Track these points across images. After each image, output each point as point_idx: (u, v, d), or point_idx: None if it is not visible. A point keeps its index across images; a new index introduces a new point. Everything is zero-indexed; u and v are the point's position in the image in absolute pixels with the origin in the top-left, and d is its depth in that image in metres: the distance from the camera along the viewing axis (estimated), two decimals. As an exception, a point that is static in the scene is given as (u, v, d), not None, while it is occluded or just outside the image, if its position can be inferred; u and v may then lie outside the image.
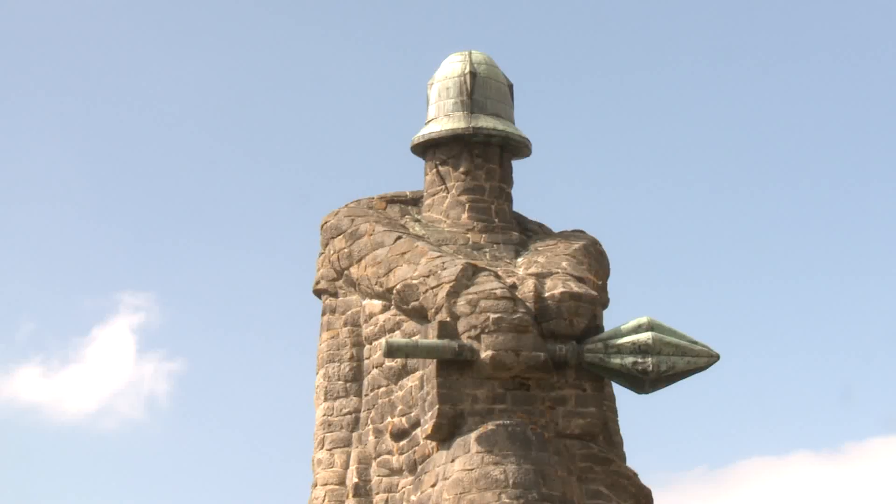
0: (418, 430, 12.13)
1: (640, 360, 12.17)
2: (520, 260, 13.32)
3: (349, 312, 13.65)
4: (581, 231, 14.25)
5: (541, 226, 14.61)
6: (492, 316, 11.79)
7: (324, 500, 13.10)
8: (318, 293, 14.27)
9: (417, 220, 14.04)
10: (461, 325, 11.92)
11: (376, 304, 13.20)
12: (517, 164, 14.52)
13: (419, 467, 12.12)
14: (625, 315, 12.87)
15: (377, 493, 12.54)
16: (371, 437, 12.79)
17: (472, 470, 11.45)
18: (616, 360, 12.23)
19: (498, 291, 12.01)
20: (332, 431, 13.43)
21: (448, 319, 11.97)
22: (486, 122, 13.86)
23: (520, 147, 14.41)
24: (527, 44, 48.03)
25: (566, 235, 14.15)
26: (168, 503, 47.25)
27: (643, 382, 12.32)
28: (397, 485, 12.43)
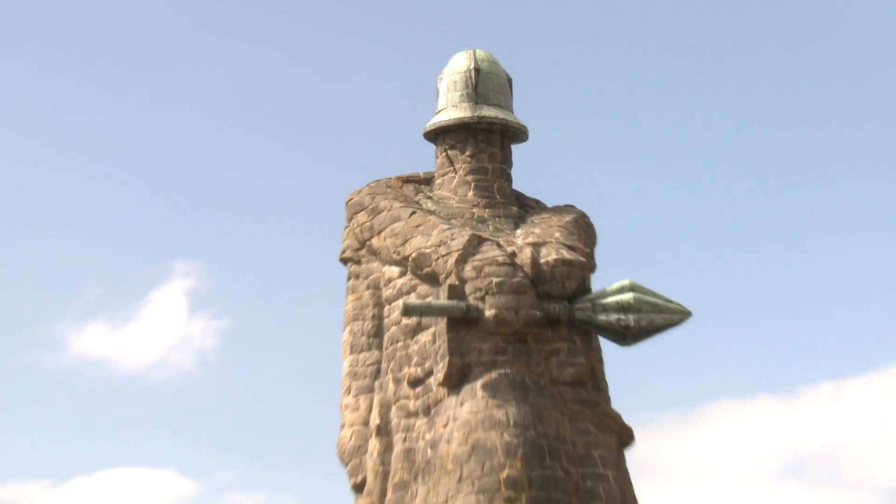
0: (431, 379, 12.32)
1: (622, 317, 12.43)
2: (518, 231, 13.43)
3: (371, 277, 13.78)
4: (571, 206, 14.33)
5: (537, 202, 14.68)
6: (494, 280, 12.05)
7: (350, 439, 13.22)
8: (344, 261, 14.33)
9: (429, 198, 14.16)
10: (468, 288, 12.13)
11: (394, 270, 13.32)
12: (516, 148, 14.59)
13: (432, 410, 12.30)
14: (609, 278, 12.99)
15: (396, 433, 12.62)
16: (391, 385, 12.94)
17: (478, 412, 11.65)
18: (602, 317, 12.47)
19: (500, 258, 12.26)
20: (357, 380, 13.55)
21: (457, 283, 12.20)
22: (488, 112, 14.00)
23: (518, 133, 14.51)
24: (524, 42, 48.35)
25: (558, 210, 14.30)
26: (214, 442, 47.83)
27: (625, 336, 12.57)
28: (413, 425, 12.50)
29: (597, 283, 13.05)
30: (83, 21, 51.39)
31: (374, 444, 12.69)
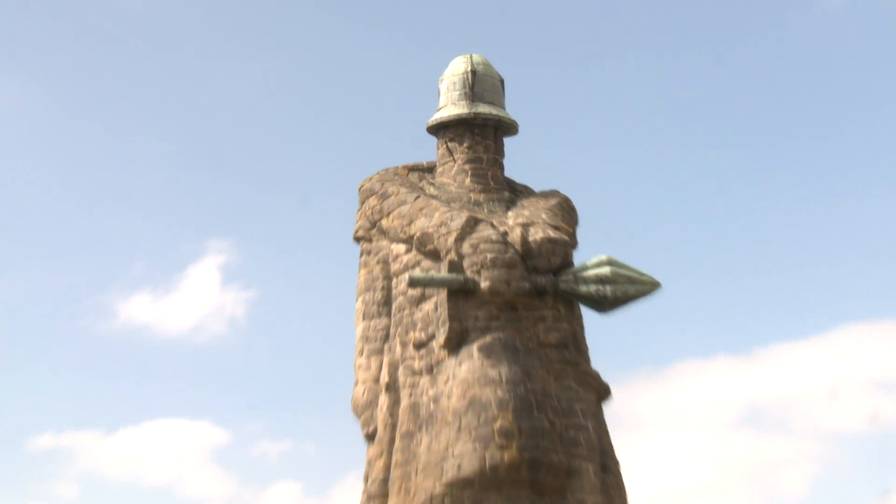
0: (434, 342, 12.62)
1: (601, 288, 12.82)
2: (509, 213, 13.60)
3: (381, 254, 13.99)
4: (556, 190, 14.66)
5: (525, 187, 14.97)
6: (489, 256, 12.38)
7: (363, 395, 13.51)
8: (357, 239, 14.57)
9: (432, 184, 14.44)
10: (466, 263, 12.43)
11: (401, 247, 13.55)
12: (507, 141, 14.93)
13: (434, 369, 12.62)
14: (589, 253, 13.40)
15: (403, 389, 12.93)
16: (398, 348, 13.17)
17: (474, 371, 12.02)
18: (583, 288, 12.85)
19: (493, 237, 12.59)
20: (368, 343, 13.78)
21: (456, 259, 12.51)
22: (483, 109, 14.28)
23: (509, 127, 14.82)
24: (515, 47, 50.09)
25: (544, 194, 14.58)
26: (244, 397, 50.15)
27: (603, 305, 12.99)
28: (418, 383, 12.80)
29: (578, 258, 13.37)
30: (127, 8, 52.62)
31: (383, 399, 12.92)
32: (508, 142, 14.90)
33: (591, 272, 12.75)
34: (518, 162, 15.54)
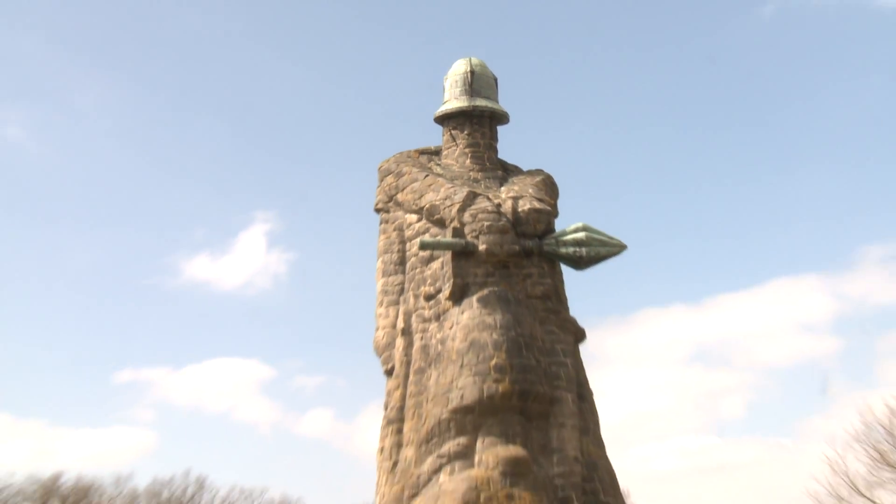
0: (441, 294, 13.26)
1: (577, 250, 13.57)
2: (502, 188, 14.22)
3: (396, 222, 14.54)
4: (540, 170, 15.22)
5: (515, 167, 15.50)
6: (485, 223, 13.09)
7: (383, 338, 14.07)
8: (377, 210, 15.11)
9: (438, 165, 14.98)
10: (467, 230, 13.14)
11: (413, 217, 14.16)
12: (501, 129, 15.44)
13: (441, 317, 13.21)
14: (568, 220, 14.00)
15: (415, 333, 13.51)
16: (411, 299, 13.77)
17: (474, 318, 12.73)
18: (563, 250, 13.58)
19: (489, 208, 13.30)
20: (387, 296, 14.30)
21: (458, 226, 13.23)
22: (480, 102, 14.96)
23: (502, 117, 15.39)
24: (507, 50, 52.54)
25: (531, 172, 15.18)
26: (286, 339, 59.61)
27: (579, 264, 13.71)
28: (428, 328, 13.38)
29: (559, 224, 14.00)
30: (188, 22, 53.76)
31: (399, 342, 13.62)
32: (501, 129, 15.40)
33: (570, 236, 13.49)
34: (509, 145, 15.99)
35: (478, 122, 15.18)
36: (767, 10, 60.52)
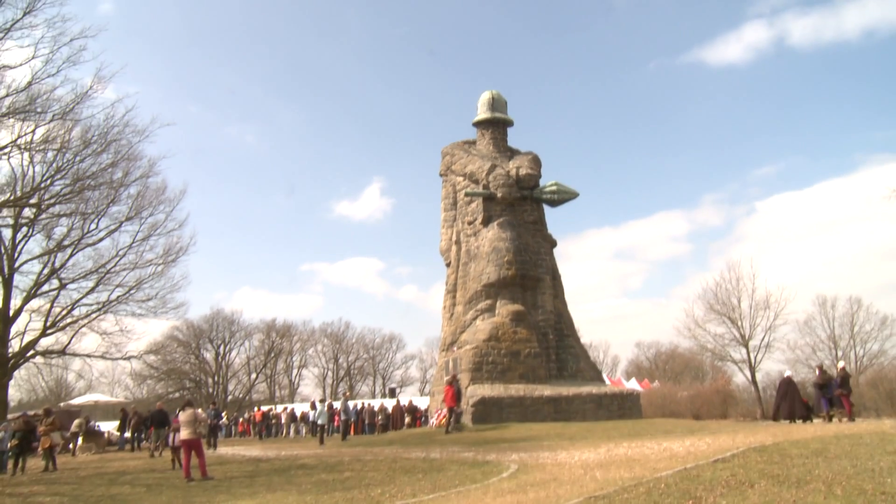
0: (476, 221, 18.62)
1: (552, 196, 19.15)
2: (510, 162, 19.47)
3: (451, 181, 19.84)
4: (531, 151, 20.30)
5: (518, 150, 20.47)
6: (501, 181, 18.44)
7: (445, 245, 19.37)
8: (441, 175, 20.31)
9: (474, 149, 20.22)
10: (491, 185, 18.48)
11: (460, 179, 19.56)
12: (509, 130, 20.86)
13: (477, 234, 18.58)
14: (546, 179, 19.75)
15: (462, 243, 18.90)
16: (460, 224, 19.09)
17: (495, 234, 18.03)
18: (544, 196, 19.17)
19: (503, 173, 18.56)
20: (446, 222, 19.69)
21: (486, 183, 18.54)
22: (498, 114, 20.35)
23: (509, 123, 20.52)
24: (513, 85, 77.29)
25: (526, 153, 20.19)
26: (391, 248, 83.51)
27: (554, 203, 19.23)
28: (470, 240, 18.76)
29: (542, 182, 19.42)
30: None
31: (454, 248, 19.10)
32: (509, 130, 20.87)
33: (548, 188, 19.12)
34: (513, 139, 21.29)
35: (496, 125, 20.12)
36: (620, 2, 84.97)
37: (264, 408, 29.50)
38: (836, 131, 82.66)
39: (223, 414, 29.42)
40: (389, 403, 23.12)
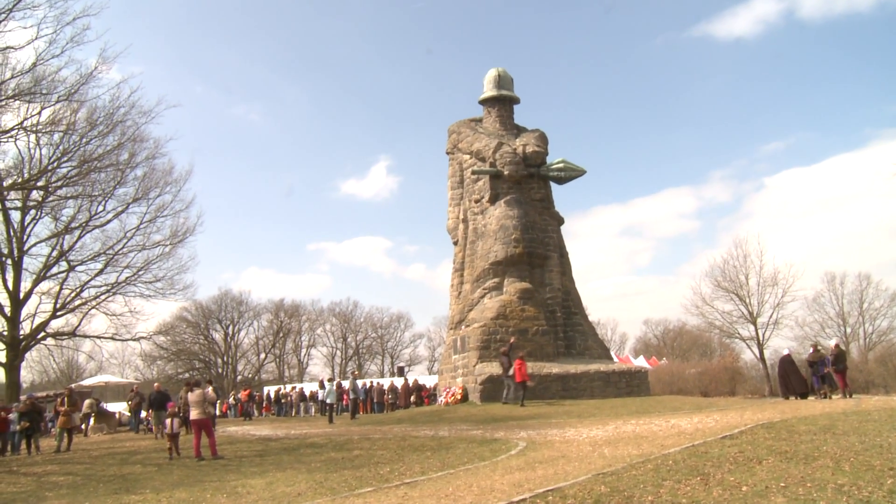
0: (483, 199, 18.63)
1: (560, 173, 19.09)
2: (517, 140, 19.38)
3: (458, 159, 19.80)
4: (538, 129, 20.27)
5: (524, 127, 20.41)
6: (508, 159, 18.30)
7: (452, 223, 19.42)
8: (448, 153, 20.34)
9: (480, 127, 20.16)
10: (498, 163, 18.34)
11: (467, 157, 19.51)
12: (515, 107, 20.76)
13: (484, 212, 18.51)
14: (553, 157, 19.67)
15: (469, 221, 18.89)
16: (467, 202, 19.02)
17: (503, 212, 17.96)
18: (552, 174, 19.11)
19: (509, 150, 18.47)
20: (453, 200, 19.71)
21: (493, 161, 18.47)
22: (504, 92, 20.24)
23: (515, 100, 20.44)
24: (519, 62, 77.33)
25: (533, 131, 20.15)
26: (397, 227, 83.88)
27: (561, 181, 19.14)
28: (478, 218, 18.73)
29: (549, 159, 19.35)
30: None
31: (461, 226, 19.15)
32: (515, 108, 20.76)
33: (555, 166, 19.07)
34: (519, 116, 21.29)
35: (502, 103, 20.06)
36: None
37: (272, 388, 29.72)
38: (846, 105, 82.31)
39: (230, 394, 29.78)
40: (398, 383, 23.23)
